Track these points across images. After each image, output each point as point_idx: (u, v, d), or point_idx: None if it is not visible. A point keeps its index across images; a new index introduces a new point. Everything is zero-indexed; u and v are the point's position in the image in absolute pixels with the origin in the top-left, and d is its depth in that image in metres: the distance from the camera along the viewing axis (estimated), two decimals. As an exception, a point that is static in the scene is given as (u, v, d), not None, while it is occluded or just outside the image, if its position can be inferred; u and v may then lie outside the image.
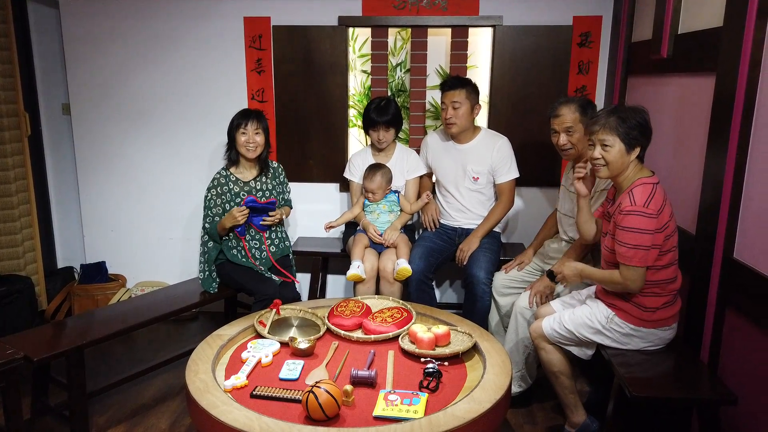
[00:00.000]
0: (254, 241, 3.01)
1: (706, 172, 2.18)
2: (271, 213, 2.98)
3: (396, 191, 3.10)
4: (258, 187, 3.02)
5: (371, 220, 3.08)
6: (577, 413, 2.35)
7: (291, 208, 3.23)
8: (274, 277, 2.90)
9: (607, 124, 2.06)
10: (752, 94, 1.92)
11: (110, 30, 3.46)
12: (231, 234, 2.98)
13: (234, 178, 2.97)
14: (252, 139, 2.92)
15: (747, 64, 1.93)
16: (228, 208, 2.94)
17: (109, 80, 3.53)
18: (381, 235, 3.01)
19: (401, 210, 3.12)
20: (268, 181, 3.07)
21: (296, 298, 2.94)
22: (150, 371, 2.80)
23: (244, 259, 2.96)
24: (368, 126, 3.10)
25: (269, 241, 3.05)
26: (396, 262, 2.90)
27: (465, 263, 2.94)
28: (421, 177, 3.19)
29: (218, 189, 2.94)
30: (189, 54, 3.47)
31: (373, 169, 3.03)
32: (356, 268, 2.87)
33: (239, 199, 2.96)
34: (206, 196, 2.95)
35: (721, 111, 2.08)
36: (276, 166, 3.15)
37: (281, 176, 3.16)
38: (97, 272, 3.67)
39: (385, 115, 3.04)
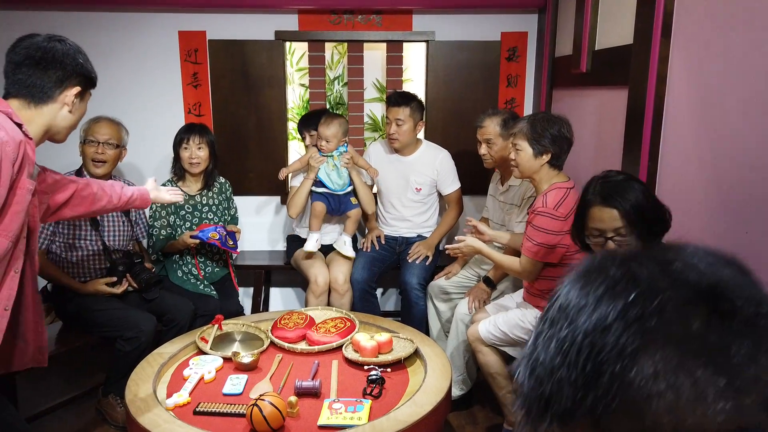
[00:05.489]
0: (200, 256, 3.03)
1: (623, 178, 2.35)
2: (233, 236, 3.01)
3: (347, 143, 3.04)
4: (204, 202, 3.00)
5: (324, 173, 2.99)
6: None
7: (237, 224, 3.20)
8: (213, 292, 2.88)
9: (521, 129, 2.25)
10: (660, 106, 2.09)
11: (37, 44, 3.34)
12: (177, 255, 2.96)
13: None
14: (194, 154, 2.90)
15: (654, 79, 2.10)
16: (173, 221, 2.91)
17: (37, 96, 3.40)
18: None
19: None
20: (214, 195, 3.05)
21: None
22: (87, 394, 2.72)
23: (185, 277, 2.93)
24: (302, 128, 3.17)
25: (210, 256, 3.06)
26: (343, 239, 3.08)
27: (411, 260, 3.03)
28: None
29: None
30: (122, 68, 3.39)
31: (331, 116, 2.99)
32: (313, 242, 3.01)
33: (183, 212, 2.94)
34: (151, 207, 2.90)
35: (633, 121, 2.25)
36: (223, 182, 3.13)
37: (228, 192, 3.14)
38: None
39: (319, 120, 3.01)
